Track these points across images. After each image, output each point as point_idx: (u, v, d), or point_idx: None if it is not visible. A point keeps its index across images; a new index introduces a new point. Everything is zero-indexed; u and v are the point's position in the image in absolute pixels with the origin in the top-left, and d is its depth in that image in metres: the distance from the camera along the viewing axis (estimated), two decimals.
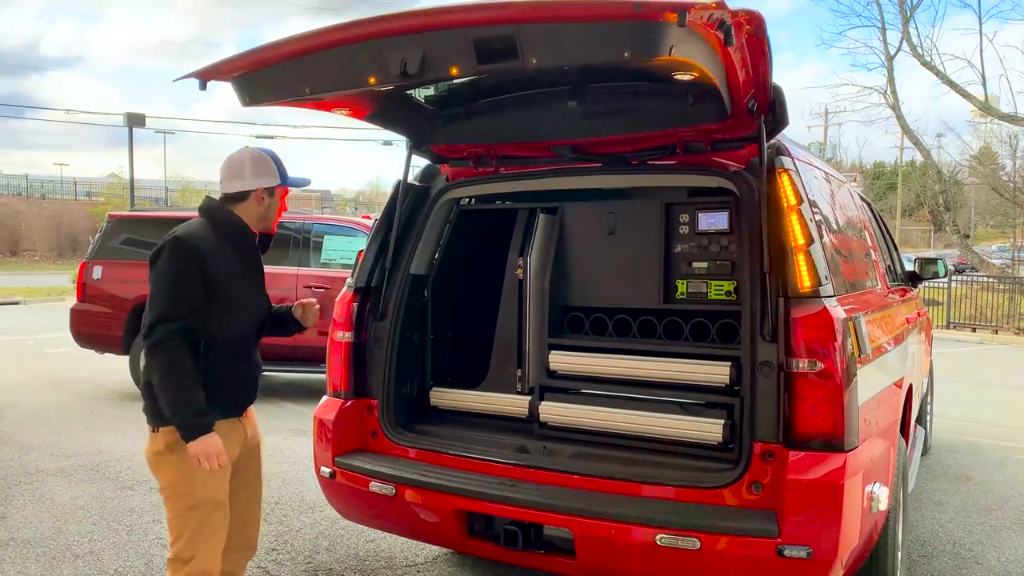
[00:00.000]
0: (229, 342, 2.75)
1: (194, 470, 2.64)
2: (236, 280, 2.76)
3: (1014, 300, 17.83)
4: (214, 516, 2.72)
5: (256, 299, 2.88)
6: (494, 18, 2.37)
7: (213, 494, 2.71)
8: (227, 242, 2.77)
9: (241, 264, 2.81)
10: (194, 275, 2.64)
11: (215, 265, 2.69)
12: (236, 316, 2.77)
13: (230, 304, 2.73)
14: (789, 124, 3.00)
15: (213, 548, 2.72)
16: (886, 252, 5.12)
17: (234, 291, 2.75)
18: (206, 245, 2.69)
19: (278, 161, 2.87)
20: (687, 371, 3.25)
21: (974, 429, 7.72)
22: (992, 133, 27.67)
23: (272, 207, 2.87)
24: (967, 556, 4.40)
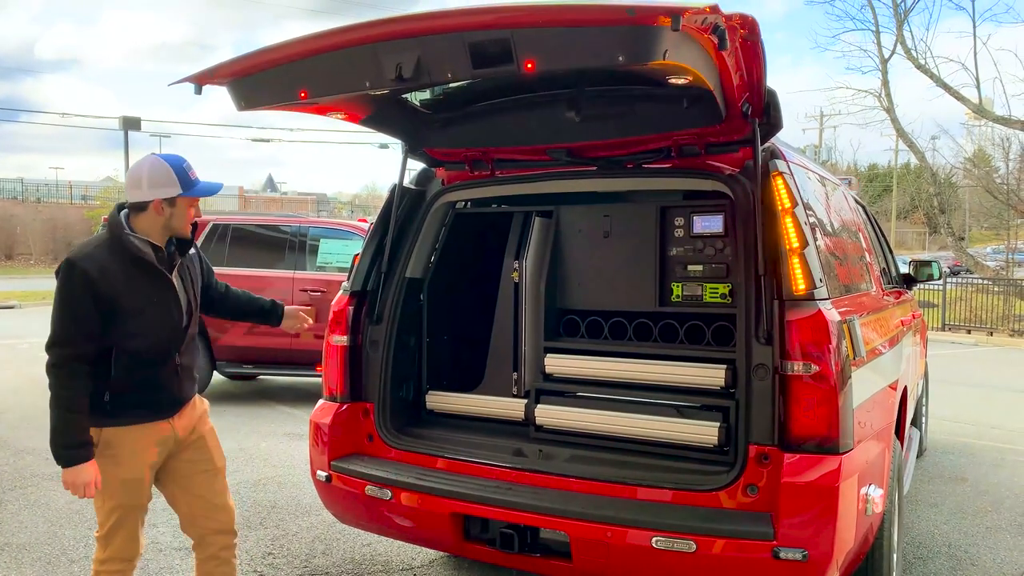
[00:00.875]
0: (139, 352, 2.76)
1: (111, 475, 2.76)
2: (139, 299, 2.73)
3: (1009, 302, 17.88)
4: (131, 516, 2.85)
5: (167, 313, 2.82)
6: (489, 23, 2.38)
7: (130, 499, 2.83)
8: (126, 257, 2.73)
9: (145, 282, 2.76)
10: (84, 300, 2.64)
11: (110, 285, 2.67)
12: (143, 331, 2.75)
13: (134, 321, 2.72)
14: (783, 127, 3.02)
15: (131, 539, 2.87)
16: (881, 254, 5.14)
17: (136, 308, 2.72)
18: (98, 267, 2.66)
19: (180, 169, 2.76)
20: (683, 374, 3.25)
21: (969, 431, 7.73)
22: (986, 136, 27.78)
23: (175, 217, 2.78)
24: (962, 558, 4.41)
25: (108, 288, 2.66)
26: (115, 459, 2.79)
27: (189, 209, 2.83)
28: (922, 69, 19.10)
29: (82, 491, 2.69)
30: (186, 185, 2.77)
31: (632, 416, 3.25)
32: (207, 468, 3.02)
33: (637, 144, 3.24)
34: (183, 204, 2.80)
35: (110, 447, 2.78)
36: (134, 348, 2.75)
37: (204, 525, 3.01)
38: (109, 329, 2.70)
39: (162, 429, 2.89)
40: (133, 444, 2.81)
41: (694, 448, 3.10)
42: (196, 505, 3.00)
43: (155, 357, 2.82)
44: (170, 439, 2.91)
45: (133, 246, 2.73)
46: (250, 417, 7.71)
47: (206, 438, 3.04)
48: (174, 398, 2.92)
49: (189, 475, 2.99)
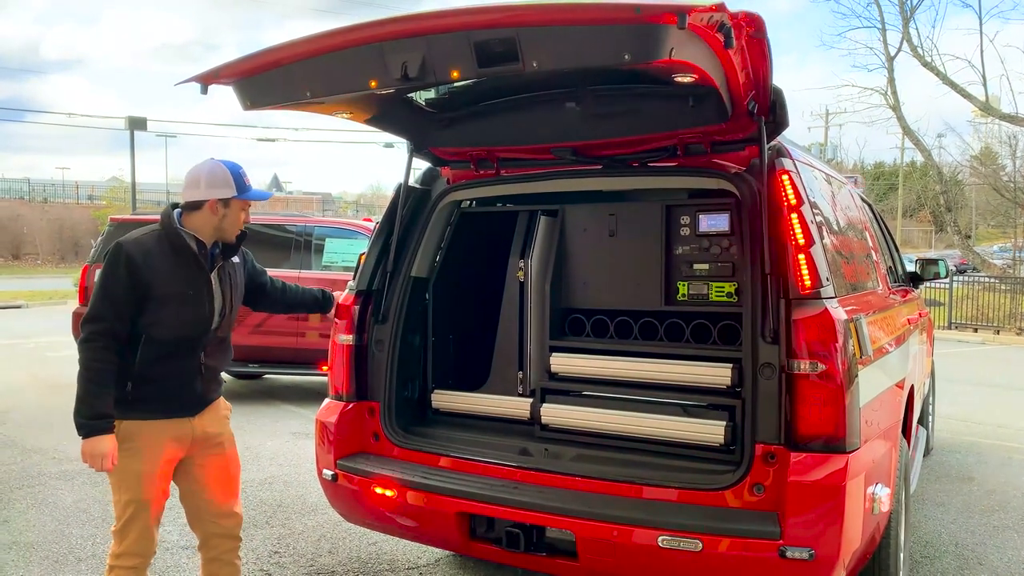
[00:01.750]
0: (165, 343, 2.83)
1: (130, 468, 2.82)
2: (176, 288, 2.82)
3: (1016, 300, 17.81)
4: (145, 512, 2.87)
5: (199, 308, 2.89)
6: (494, 21, 2.38)
7: (145, 493, 2.86)
8: (170, 249, 2.85)
9: (184, 273, 2.86)
10: (123, 280, 2.75)
11: (151, 271, 2.77)
12: (171, 322, 2.82)
13: (165, 310, 2.80)
14: (790, 125, 3.01)
15: (146, 534, 2.89)
16: (887, 253, 5.12)
17: (171, 298, 2.81)
18: (143, 252, 2.79)
19: (238, 174, 2.90)
20: (688, 373, 3.25)
21: (976, 430, 7.71)
22: (992, 134, 27.69)
23: (227, 218, 2.91)
24: (969, 557, 4.39)
25: (148, 272, 2.77)
26: (133, 451, 2.82)
27: (240, 213, 2.94)
28: (928, 67, 19.04)
29: (100, 463, 2.74)
30: (241, 189, 2.89)
31: (638, 415, 3.24)
32: (221, 475, 3.05)
33: (643, 143, 3.24)
34: (236, 207, 2.91)
35: (129, 439, 2.82)
36: (160, 337, 2.81)
37: (209, 529, 3.05)
38: (141, 314, 2.78)
39: (182, 426, 2.92)
40: (152, 438, 2.85)
41: (700, 447, 3.09)
42: (204, 508, 3.03)
43: (179, 351, 2.87)
44: (188, 437, 2.94)
45: (180, 238, 2.85)
46: (256, 416, 7.73)
47: (225, 444, 3.07)
48: (197, 397, 2.95)
49: (202, 478, 3.01)
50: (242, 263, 3.17)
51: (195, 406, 2.96)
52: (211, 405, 3.03)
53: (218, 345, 3.03)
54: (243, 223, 2.98)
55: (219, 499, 3.03)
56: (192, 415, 2.95)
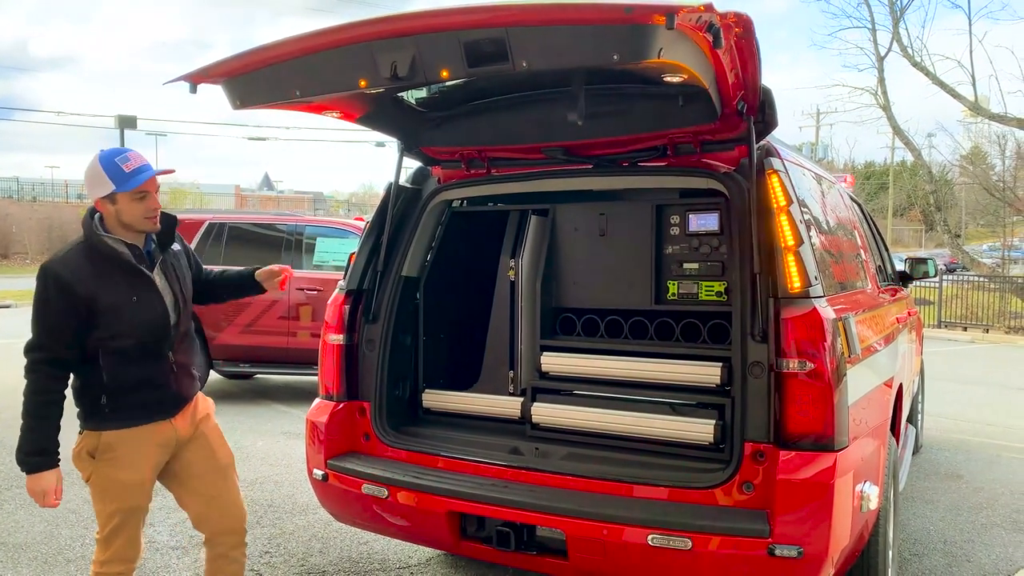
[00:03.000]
0: (128, 352, 2.73)
1: (112, 478, 2.76)
2: (116, 296, 2.69)
3: (1004, 299, 17.93)
4: (133, 519, 2.83)
5: (150, 310, 2.76)
6: (484, 21, 2.38)
7: (131, 501, 2.80)
8: (100, 257, 2.70)
9: (121, 278, 2.72)
10: (58, 304, 2.63)
11: (85, 287, 2.64)
12: (126, 331, 2.71)
13: (116, 321, 2.69)
14: (779, 125, 3.02)
15: (132, 542, 2.85)
16: (876, 252, 5.15)
17: (115, 307, 2.68)
18: (71, 269, 2.65)
19: (111, 164, 2.67)
20: (678, 372, 3.26)
21: (965, 428, 7.76)
22: (982, 133, 27.84)
23: (123, 213, 2.70)
24: (958, 554, 4.42)
25: (84, 290, 2.63)
26: (116, 462, 2.77)
27: (136, 204, 2.70)
28: (918, 67, 19.12)
29: (41, 499, 2.70)
30: (118, 180, 2.66)
31: (628, 414, 3.25)
32: (212, 467, 2.98)
33: (633, 142, 3.25)
34: (124, 200, 2.69)
35: (110, 450, 2.76)
36: (120, 348, 2.71)
37: (212, 525, 2.98)
38: (91, 331, 2.68)
39: (163, 429, 2.86)
40: (133, 446, 2.78)
41: (690, 446, 3.11)
42: (203, 505, 2.97)
43: (145, 356, 2.77)
44: (172, 439, 2.88)
45: (105, 246, 2.71)
46: (247, 416, 7.71)
47: (208, 436, 3.00)
48: (173, 397, 2.88)
49: (194, 476, 2.96)
50: (183, 250, 3.02)
51: (173, 407, 2.88)
52: (190, 403, 2.96)
53: (184, 340, 2.92)
54: (151, 210, 2.73)
55: (214, 493, 2.96)
56: (171, 416, 2.87)
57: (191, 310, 3.00)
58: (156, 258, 2.84)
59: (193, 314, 3.04)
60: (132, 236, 2.77)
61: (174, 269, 2.91)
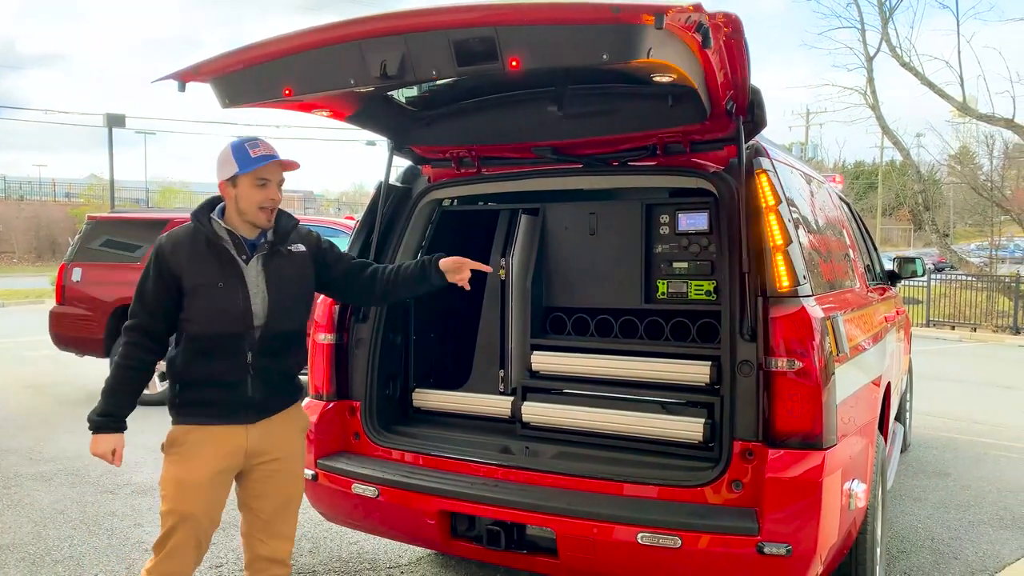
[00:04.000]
0: (202, 341, 2.68)
1: (173, 476, 2.69)
2: (200, 278, 2.66)
3: (992, 298, 18.04)
4: (185, 527, 2.66)
5: (231, 301, 2.67)
6: (474, 20, 2.38)
7: (187, 506, 2.65)
8: (203, 240, 2.71)
9: (212, 262, 2.68)
10: (155, 276, 2.68)
11: (176, 262, 2.66)
12: (200, 316, 2.66)
13: (194, 303, 2.67)
14: (768, 125, 3.03)
15: (182, 555, 2.68)
16: (865, 251, 5.18)
17: (196, 289, 2.66)
18: (173, 243, 2.70)
19: (241, 148, 2.66)
20: (668, 371, 3.27)
21: (952, 426, 7.81)
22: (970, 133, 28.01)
23: (241, 199, 2.67)
24: (945, 552, 4.45)
25: (175, 264, 2.66)
26: (177, 458, 2.68)
27: (254, 190, 2.66)
28: (907, 67, 19.22)
29: (107, 458, 2.68)
30: (243, 162, 2.64)
31: (618, 413, 3.26)
32: (278, 498, 2.81)
33: (622, 142, 3.25)
34: (245, 184, 2.66)
35: (175, 445, 2.70)
36: (195, 334, 2.68)
37: (258, 549, 2.82)
38: (179, 309, 2.69)
39: (233, 435, 2.70)
40: (197, 446, 2.66)
41: (679, 444, 3.12)
42: (256, 528, 2.81)
43: (219, 350, 2.67)
44: (242, 449, 2.70)
45: (207, 227, 2.71)
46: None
47: (285, 462, 2.81)
48: (248, 402, 2.70)
49: (259, 495, 2.79)
50: (309, 252, 2.88)
51: (249, 413, 2.71)
52: (276, 415, 2.79)
53: (275, 344, 2.74)
54: (268, 200, 2.68)
55: (273, 521, 2.81)
56: (246, 423, 2.71)
57: (296, 317, 2.83)
58: (260, 252, 2.74)
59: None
60: (246, 228, 2.72)
61: (279, 269, 2.76)
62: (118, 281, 8.21)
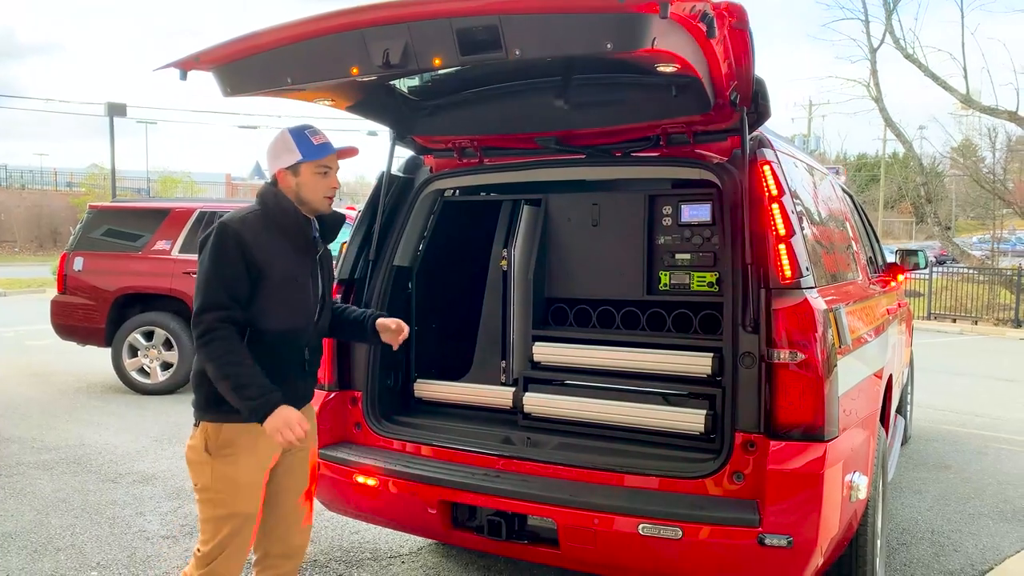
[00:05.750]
0: (273, 335, 2.58)
1: (229, 478, 2.56)
2: (285, 269, 2.59)
3: (994, 291, 18.04)
4: (246, 529, 2.61)
5: (306, 295, 2.65)
6: (477, 9, 2.36)
7: (246, 506, 2.59)
8: (276, 228, 2.60)
9: (292, 252, 2.62)
10: (236, 260, 2.50)
11: (260, 250, 2.53)
12: (279, 310, 2.58)
13: (274, 296, 2.57)
14: (772, 116, 3.02)
15: (237, 558, 2.62)
16: (867, 243, 5.17)
17: (281, 281, 2.57)
18: (250, 229, 2.55)
19: (301, 135, 2.62)
20: (670, 362, 3.27)
21: (953, 419, 7.81)
22: (973, 126, 27.94)
23: (302, 187, 2.61)
24: (945, 544, 4.46)
25: (260, 253, 2.53)
26: (234, 459, 2.56)
27: (317, 178, 2.62)
28: (910, 59, 19.16)
29: (296, 428, 2.45)
30: (307, 150, 2.59)
31: (619, 404, 3.26)
32: (299, 488, 2.78)
33: (625, 132, 3.24)
34: (307, 172, 2.60)
35: (229, 446, 2.56)
36: (266, 328, 2.56)
37: (273, 546, 2.76)
38: (252, 301, 2.54)
39: None
40: (253, 443, 2.56)
41: (681, 436, 3.12)
42: (274, 523, 2.74)
43: (284, 345, 2.62)
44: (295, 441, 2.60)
45: (286, 216, 2.60)
46: None
47: (307, 456, 2.80)
48: (297, 396, 2.67)
49: (280, 491, 2.73)
50: (328, 251, 2.88)
51: (297, 406, 2.62)
52: (306, 407, 2.78)
53: (318, 340, 2.78)
54: (331, 188, 2.65)
55: (291, 516, 2.76)
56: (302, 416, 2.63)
57: (329, 312, 2.84)
58: (319, 247, 2.74)
59: None
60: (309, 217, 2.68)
61: (325, 264, 2.79)
62: (120, 270, 8.22)
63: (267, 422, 2.44)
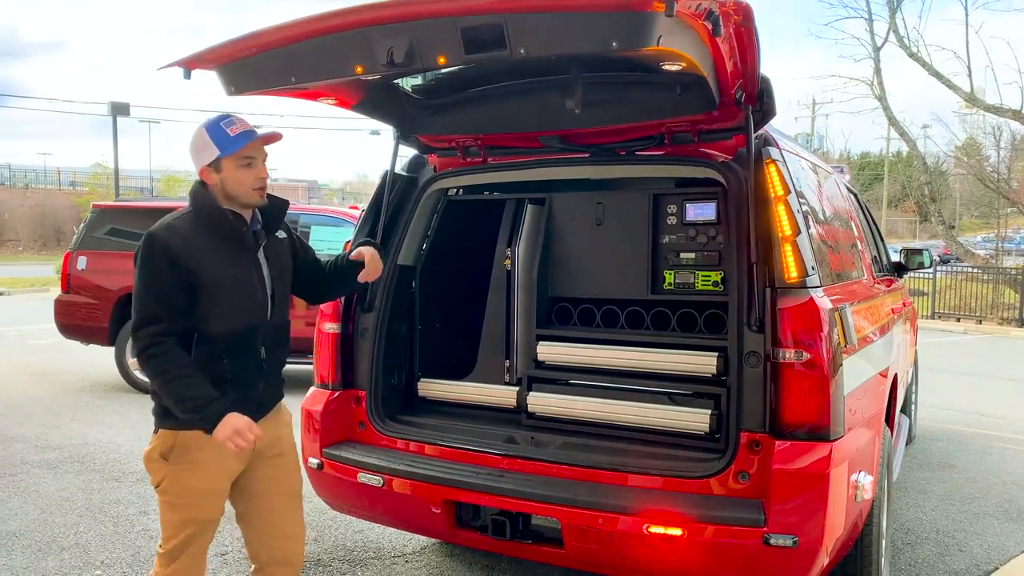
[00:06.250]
0: (220, 339, 2.53)
1: (187, 485, 2.54)
2: (221, 270, 2.52)
3: (998, 290, 17.98)
4: (207, 532, 2.62)
5: (250, 294, 2.58)
6: (482, 7, 2.36)
7: (205, 513, 2.59)
8: (207, 229, 2.53)
9: (228, 251, 2.55)
10: (165, 271, 2.44)
11: (190, 256, 2.47)
12: (223, 313, 2.52)
13: (215, 300, 2.50)
14: (777, 115, 3.01)
15: (197, 560, 2.63)
16: (872, 242, 5.15)
17: (217, 284, 2.50)
18: (177, 235, 2.48)
19: (216, 128, 2.51)
20: (674, 361, 3.26)
21: (958, 418, 7.79)
22: (977, 124, 27.88)
23: (227, 183, 2.52)
24: (950, 544, 4.44)
25: (190, 259, 2.46)
26: (192, 466, 2.53)
27: (241, 171, 2.53)
28: (914, 57, 19.11)
29: (246, 436, 2.40)
30: (223, 144, 2.50)
31: (624, 403, 3.25)
32: (284, 491, 2.73)
33: (630, 131, 3.23)
34: (229, 166, 2.52)
35: (187, 452, 2.52)
36: (214, 333, 2.50)
37: (268, 554, 2.73)
38: (189, 311, 2.49)
39: None
40: (212, 451, 2.50)
41: (686, 435, 3.11)
42: (265, 531, 2.72)
43: (236, 347, 2.55)
44: (249, 448, 2.56)
45: (217, 213, 2.52)
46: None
47: (287, 456, 2.75)
48: (258, 400, 2.62)
49: (264, 496, 2.69)
50: (288, 238, 2.80)
51: (256, 411, 2.59)
52: (272, 410, 2.73)
53: (276, 337, 2.68)
54: (258, 179, 2.55)
55: (280, 522, 2.71)
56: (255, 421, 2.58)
57: (288, 306, 2.76)
58: (261, 239, 2.65)
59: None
60: (243, 212, 2.58)
61: (276, 257, 2.70)
62: (123, 270, 8.21)
63: (216, 431, 2.41)
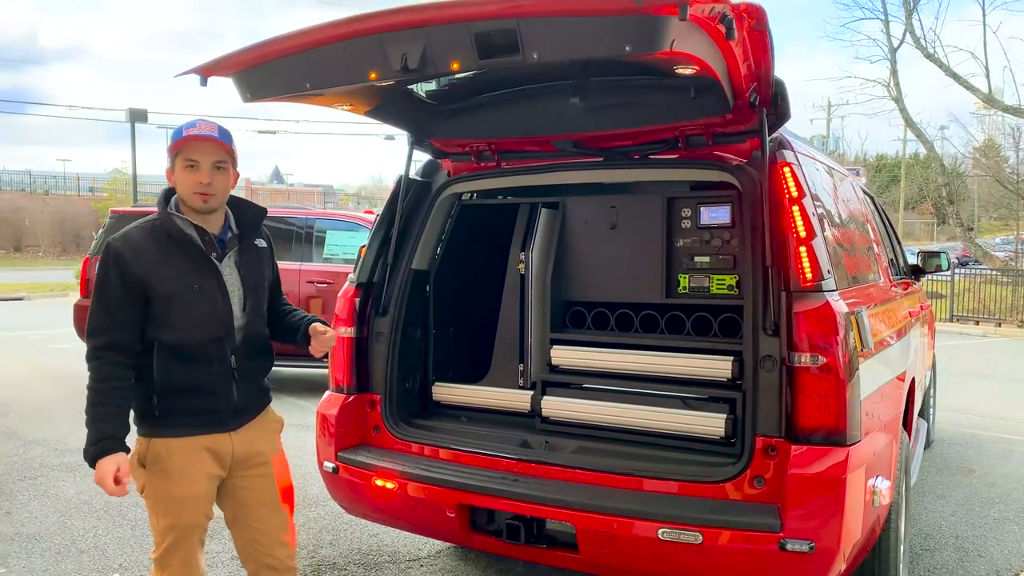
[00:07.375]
0: (182, 348, 2.49)
1: (164, 492, 2.53)
2: (173, 283, 2.47)
3: (1017, 293, 17.78)
4: (188, 537, 2.58)
5: (211, 304, 2.52)
6: (495, 12, 2.36)
7: (187, 518, 2.56)
8: (164, 238, 2.50)
9: (183, 264, 2.50)
10: (115, 283, 2.43)
11: (141, 267, 2.43)
12: (180, 324, 2.48)
13: (170, 311, 2.47)
14: (791, 117, 3.00)
15: (190, 562, 2.59)
16: (888, 245, 5.11)
17: (170, 295, 2.46)
18: (131, 245, 2.46)
19: (177, 132, 2.49)
20: (689, 366, 3.25)
21: (977, 422, 7.71)
22: (996, 125, 27.61)
23: (177, 184, 2.49)
24: (970, 549, 4.40)
25: (139, 270, 2.43)
26: (166, 474, 2.52)
27: (184, 172, 2.47)
28: (931, 58, 18.98)
29: (108, 487, 2.39)
30: (172, 146, 2.49)
31: (638, 408, 3.24)
32: (270, 498, 2.70)
33: (644, 135, 3.23)
34: (178, 170, 2.49)
35: (160, 460, 2.52)
36: (173, 343, 2.47)
37: (259, 560, 2.72)
38: (147, 320, 2.47)
39: (218, 442, 2.58)
40: (185, 458, 2.52)
41: (701, 440, 3.10)
42: (253, 537, 2.70)
43: (202, 356, 2.51)
44: (228, 455, 2.59)
45: (172, 225, 2.49)
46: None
47: (272, 464, 2.72)
48: (231, 407, 2.60)
49: (249, 503, 2.68)
50: (268, 249, 2.77)
51: (231, 419, 2.60)
52: (255, 418, 2.70)
53: (251, 344, 2.65)
54: (197, 184, 2.46)
55: (267, 528, 2.69)
56: (229, 429, 2.60)
57: (265, 313, 2.73)
58: (230, 248, 2.60)
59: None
60: (202, 219, 2.54)
61: (252, 266, 2.66)
62: None
63: (95, 470, 2.42)
